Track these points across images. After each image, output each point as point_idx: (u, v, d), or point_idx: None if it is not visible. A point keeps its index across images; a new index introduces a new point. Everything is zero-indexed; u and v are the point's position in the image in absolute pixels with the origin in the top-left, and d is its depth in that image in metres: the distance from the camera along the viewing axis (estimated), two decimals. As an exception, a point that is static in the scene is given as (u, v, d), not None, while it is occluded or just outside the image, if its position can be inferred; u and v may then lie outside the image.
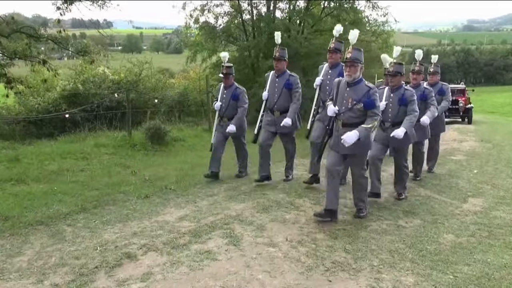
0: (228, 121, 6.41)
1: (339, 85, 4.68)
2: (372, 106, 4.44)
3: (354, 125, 4.46)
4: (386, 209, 5.29)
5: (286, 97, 6.08)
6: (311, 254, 3.86)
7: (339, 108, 4.61)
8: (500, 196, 6.15)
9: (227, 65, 6.46)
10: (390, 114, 5.54)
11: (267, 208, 5.10)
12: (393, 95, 5.51)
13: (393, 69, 5.39)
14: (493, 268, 3.70)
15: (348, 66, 4.46)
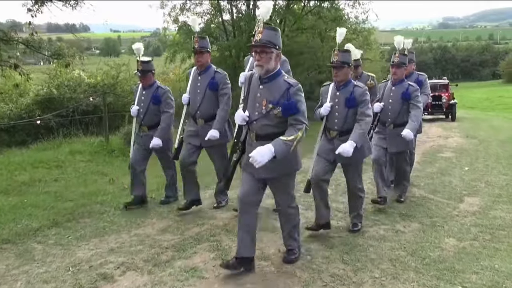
0: (148, 131, 5.08)
1: (250, 81, 3.39)
2: (293, 110, 3.14)
3: (272, 138, 3.15)
4: (382, 213, 5.01)
5: (212, 101, 4.74)
6: (306, 267, 3.53)
7: (251, 114, 3.33)
8: (496, 194, 5.94)
9: (143, 59, 5.09)
10: (336, 120, 4.17)
11: (256, 216, 4.74)
12: (340, 93, 4.14)
13: (338, 58, 4.08)
14: (503, 276, 3.43)
15: (257, 53, 3.15)
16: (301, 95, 3.22)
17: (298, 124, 3.17)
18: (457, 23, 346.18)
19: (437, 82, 21.49)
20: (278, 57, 3.22)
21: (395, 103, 5.15)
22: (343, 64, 4.08)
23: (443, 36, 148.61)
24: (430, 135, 13.68)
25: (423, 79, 6.20)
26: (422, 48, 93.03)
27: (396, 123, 5.15)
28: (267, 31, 3.18)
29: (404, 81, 5.17)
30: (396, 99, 5.15)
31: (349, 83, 4.16)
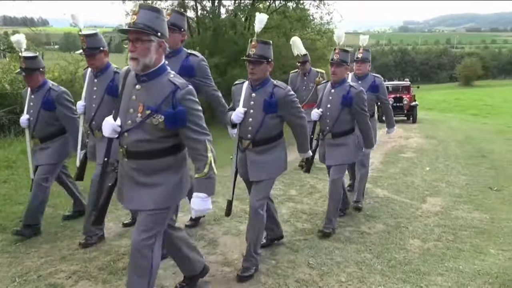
0: (41, 144, 4.17)
1: (126, 79, 2.56)
2: (181, 122, 2.37)
3: (149, 157, 2.44)
4: (347, 214, 4.94)
5: (111, 108, 3.41)
6: (271, 272, 3.40)
7: (123, 123, 2.49)
8: (456, 194, 6.01)
9: (27, 55, 4.10)
10: (250, 128, 3.44)
11: (218, 219, 4.59)
12: (256, 94, 3.39)
13: (255, 51, 3.25)
14: (467, 277, 3.41)
15: (131, 42, 2.37)
16: (193, 101, 2.41)
17: (198, 142, 2.41)
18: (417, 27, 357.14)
19: (398, 83, 21.65)
20: (162, 48, 2.41)
21: (334, 108, 4.32)
22: (260, 59, 3.23)
23: (403, 39, 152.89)
24: (391, 135, 13.84)
25: (379, 83, 5.28)
26: (383, 50, 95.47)
27: (334, 131, 4.33)
28: (144, 11, 2.35)
29: (346, 83, 4.34)
30: (335, 104, 4.31)
31: (267, 82, 3.34)
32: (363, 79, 5.18)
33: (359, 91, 4.25)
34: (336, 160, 4.35)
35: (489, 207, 5.39)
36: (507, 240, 4.27)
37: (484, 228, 4.61)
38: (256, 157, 3.38)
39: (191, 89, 2.42)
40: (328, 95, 4.41)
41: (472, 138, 12.85)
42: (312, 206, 5.21)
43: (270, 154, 3.40)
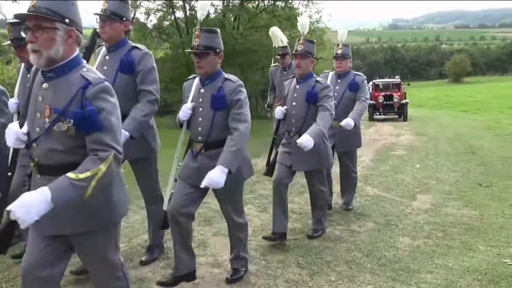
0: None
1: (34, 78, 2.10)
2: (91, 126, 1.87)
3: (64, 171, 1.82)
4: (337, 213, 4.96)
5: None
6: (261, 272, 3.39)
7: (30, 131, 2.03)
8: (446, 191, 6.04)
9: None
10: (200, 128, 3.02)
11: (209, 220, 4.58)
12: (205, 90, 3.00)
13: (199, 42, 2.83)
14: (457, 274, 3.42)
15: (31, 29, 1.90)
16: (108, 100, 1.91)
17: (101, 149, 1.85)
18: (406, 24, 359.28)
19: (389, 81, 21.65)
20: (72, 38, 1.93)
21: (300, 106, 3.89)
22: (206, 50, 2.82)
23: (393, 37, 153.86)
24: (381, 133, 13.96)
25: (360, 81, 4.82)
26: (373, 48, 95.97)
27: (302, 132, 3.73)
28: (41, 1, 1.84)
29: (311, 78, 3.89)
30: (300, 101, 3.90)
31: (217, 76, 2.95)
32: (343, 77, 4.81)
33: (324, 87, 3.81)
34: (308, 166, 3.94)
35: (479, 204, 5.42)
36: (496, 236, 4.30)
37: (474, 225, 4.63)
38: (211, 162, 2.86)
39: (107, 86, 1.92)
40: (293, 92, 3.97)
41: (461, 135, 12.97)
42: (302, 205, 5.21)
43: None
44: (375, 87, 20.03)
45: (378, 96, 18.83)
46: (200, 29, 2.85)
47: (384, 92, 19.16)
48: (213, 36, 2.86)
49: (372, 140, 12.04)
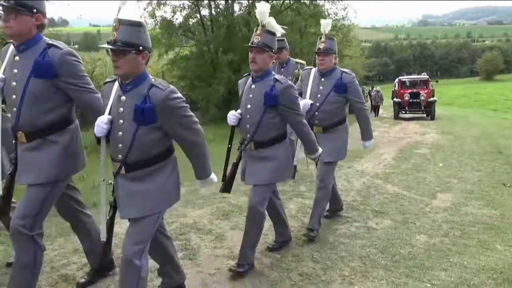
0: None
1: None
2: None
3: None
4: (355, 210, 4.99)
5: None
6: (276, 266, 3.47)
7: None
8: (468, 190, 5.98)
9: None
10: (121, 145, 2.44)
11: (227, 214, 4.68)
12: (126, 97, 2.41)
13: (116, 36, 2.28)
14: (471, 273, 3.42)
15: None
16: None
17: None
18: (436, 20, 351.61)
19: (416, 77, 21.20)
20: None
21: (255, 109, 3.23)
22: (125, 47, 2.26)
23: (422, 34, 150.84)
24: (407, 131, 13.82)
25: (348, 81, 4.03)
26: (402, 45, 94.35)
27: (257, 140, 3.28)
28: None
29: (269, 75, 3.24)
30: (256, 104, 3.23)
31: (142, 80, 2.37)
32: (327, 76, 4.07)
33: (287, 86, 3.17)
34: (258, 178, 3.27)
35: (500, 203, 5.36)
36: (516, 236, 4.26)
37: (493, 224, 4.59)
38: (130, 185, 2.46)
39: None
40: (248, 93, 3.32)
41: (489, 134, 12.71)
42: (320, 202, 5.25)
43: (150, 182, 2.47)
44: (401, 84, 19.48)
45: (404, 94, 18.23)
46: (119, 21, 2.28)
47: (410, 90, 18.58)
48: (132, 30, 2.29)
49: (396, 138, 11.94)
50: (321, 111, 4.08)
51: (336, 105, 4.09)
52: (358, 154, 8.54)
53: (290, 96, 3.21)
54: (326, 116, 4.09)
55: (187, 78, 13.34)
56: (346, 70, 4.12)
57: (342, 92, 4.05)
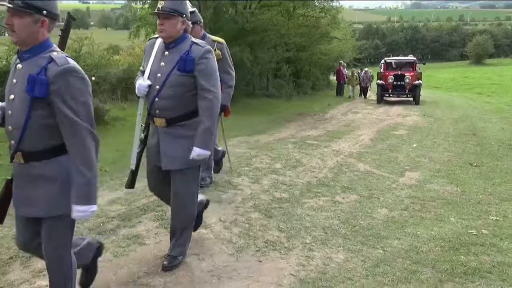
0: None
1: None
2: None
3: None
4: (325, 186, 5.30)
5: None
6: (243, 234, 3.78)
7: None
8: (436, 169, 6.32)
9: None
10: None
11: (203, 188, 4.96)
12: None
13: None
14: (422, 241, 3.76)
15: None
16: None
17: None
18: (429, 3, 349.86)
19: (402, 59, 20.43)
20: None
21: (19, 100, 2.09)
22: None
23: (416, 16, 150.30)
24: (390, 113, 14.13)
25: (198, 56, 2.89)
26: (394, 27, 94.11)
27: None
28: None
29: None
30: (19, 92, 2.10)
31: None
32: (172, 48, 2.95)
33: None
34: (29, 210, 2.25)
35: (463, 181, 5.70)
36: (470, 210, 4.60)
37: (452, 200, 4.93)
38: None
39: None
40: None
41: (468, 117, 13.08)
42: (293, 178, 5.56)
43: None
44: (386, 65, 18.74)
45: (388, 76, 17.55)
46: None
47: (394, 72, 17.92)
48: None
49: (378, 120, 12.26)
50: (161, 96, 2.95)
51: (182, 89, 2.93)
52: (337, 134, 8.87)
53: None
54: (168, 104, 2.95)
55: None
56: (198, 41, 2.98)
57: (189, 71, 2.89)
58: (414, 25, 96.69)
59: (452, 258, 3.43)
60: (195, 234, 3.72)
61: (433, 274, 3.17)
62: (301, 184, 5.29)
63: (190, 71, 2.88)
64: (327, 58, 23.08)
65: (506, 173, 6.16)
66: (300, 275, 3.11)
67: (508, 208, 4.66)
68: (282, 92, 17.67)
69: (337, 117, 12.69)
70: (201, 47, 2.92)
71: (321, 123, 11.27)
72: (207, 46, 2.96)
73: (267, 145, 7.60)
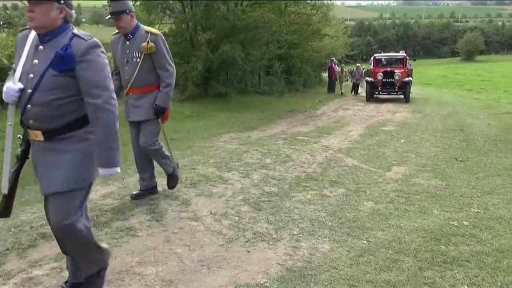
0: None
1: None
2: None
3: None
4: (313, 180, 5.43)
5: None
6: (233, 226, 3.90)
7: None
8: (422, 164, 6.48)
9: None
10: None
11: (195, 183, 5.08)
12: None
13: None
14: (405, 232, 3.91)
15: None
16: None
17: None
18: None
19: (392, 55, 19.90)
20: None
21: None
22: None
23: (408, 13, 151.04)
24: (380, 110, 14.31)
25: (79, 51, 2.30)
26: (385, 24, 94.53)
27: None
28: None
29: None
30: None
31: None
32: (49, 42, 2.32)
33: None
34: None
35: (448, 175, 5.86)
36: (453, 203, 4.76)
37: (436, 193, 5.09)
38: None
39: None
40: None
41: (457, 113, 13.30)
42: (283, 172, 5.70)
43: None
44: (376, 62, 18.28)
45: (378, 73, 17.13)
46: None
47: (383, 69, 17.44)
48: None
49: (368, 116, 12.44)
50: (34, 103, 2.33)
51: (60, 93, 2.32)
52: (327, 130, 9.02)
53: None
54: (43, 112, 2.33)
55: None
56: (82, 33, 2.36)
57: (67, 70, 2.30)
58: (405, 22, 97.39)
59: (433, 248, 3.58)
60: (186, 226, 3.85)
61: (414, 263, 3.32)
62: (290, 178, 5.42)
63: (68, 70, 2.28)
64: (318, 55, 23.27)
65: (490, 168, 6.34)
66: (287, 264, 3.24)
67: (489, 201, 4.82)
68: (274, 89, 17.82)
69: (327, 114, 12.86)
70: (84, 40, 2.30)
71: (312, 119, 11.43)
72: (93, 39, 2.34)
73: (258, 141, 7.74)
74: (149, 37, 4.07)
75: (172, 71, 4.23)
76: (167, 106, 4.23)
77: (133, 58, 4.13)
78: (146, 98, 4.22)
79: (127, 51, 4.17)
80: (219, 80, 13.98)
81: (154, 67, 4.17)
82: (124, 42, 4.18)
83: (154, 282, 2.94)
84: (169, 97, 4.23)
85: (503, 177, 5.81)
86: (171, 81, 4.21)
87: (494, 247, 3.58)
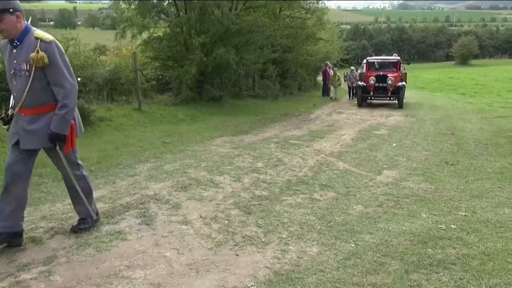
0: None
1: None
2: None
3: None
4: (304, 184, 5.47)
5: None
6: (223, 230, 3.93)
7: None
8: (412, 167, 6.53)
9: None
10: None
11: (186, 187, 5.11)
12: None
13: None
14: (393, 236, 3.95)
15: None
16: None
17: None
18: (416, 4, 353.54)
19: (385, 59, 19.15)
20: None
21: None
22: None
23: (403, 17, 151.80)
24: (374, 114, 14.37)
25: None
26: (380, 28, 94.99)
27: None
28: None
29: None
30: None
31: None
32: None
33: None
34: None
35: (438, 179, 5.92)
36: (441, 206, 4.80)
37: (425, 197, 5.13)
38: None
39: None
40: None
41: (450, 117, 13.38)
42: (274, 176, 5.73)
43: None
44: (368, 65, 17.58)
45: (370, 77, 16.34)
46: None
47: (376, 72, 16.78)
48: None
49: (361, 120, 12.50)
50: None
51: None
52: (320, 134, 9.06)
53: None
54: None
55: (161, 58, 13.59)
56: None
57: None
58: (400, 26, 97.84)
59: (419, 251, 3.61)
60: (175, 229, 3.88)
61: (401, 265, 3.35)
62: (281, 182, 5.46)
63: None
64: (313, 59, 23.35)
65: (479, 171, 6.40)
66: (275, 267, 3.27)
67: (477, 204, 4.87)
68: (268, 92, 17.86)
69: (321, 118, 12.92)
70: None
71: (305, 123, 11.47)
72: None
73: (251, 145, 7.77)
74: (38, 45, 3.22)
75: (71, 88, 3.36)
76: (63, 132, 3.39)
77: (21, 71, 3.28)
78: (41, 121, 3.38)
79: (14, 61, 3.30)
80: (213, 84, 14.01)
81: (49, 82, 3.34)
82: (11, 49, 3.32)
83: (142, 285, 2.96)
84: (66, 121, 3.37)
85: (493, 180, 5.87)
86: (69, 101, 3.34)
87: (480, 250, 3.62)
